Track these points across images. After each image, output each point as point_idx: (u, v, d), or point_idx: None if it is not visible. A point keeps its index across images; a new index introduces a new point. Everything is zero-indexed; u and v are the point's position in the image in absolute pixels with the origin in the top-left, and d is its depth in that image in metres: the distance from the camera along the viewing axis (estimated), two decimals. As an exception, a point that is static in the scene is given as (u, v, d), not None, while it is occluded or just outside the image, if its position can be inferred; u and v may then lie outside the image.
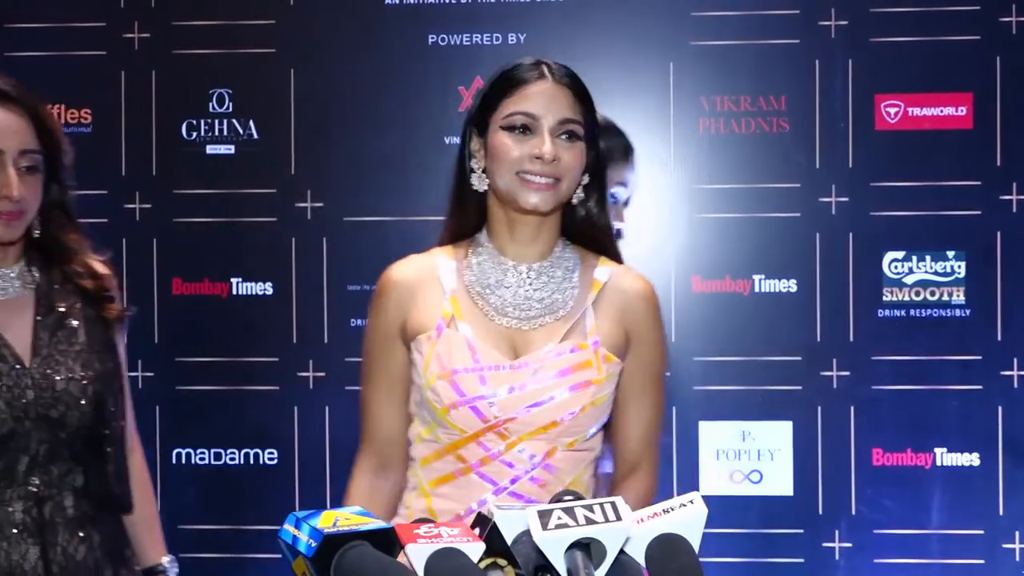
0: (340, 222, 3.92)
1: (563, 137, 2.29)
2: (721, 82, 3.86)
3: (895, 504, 3.21)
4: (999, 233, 3.77)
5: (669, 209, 3.89)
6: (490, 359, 2.27)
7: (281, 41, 3.93)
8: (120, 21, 3.92)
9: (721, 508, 3.68)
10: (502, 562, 1.53)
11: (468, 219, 2.39)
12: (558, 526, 1.49)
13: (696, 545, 1.55)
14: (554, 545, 1.48)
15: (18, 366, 2.40)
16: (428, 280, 2.35)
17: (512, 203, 2.31)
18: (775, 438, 3.83)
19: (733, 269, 3.86)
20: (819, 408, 3.82)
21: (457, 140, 2.35)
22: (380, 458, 2.39)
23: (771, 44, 3.83)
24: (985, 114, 3.78)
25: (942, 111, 3.79)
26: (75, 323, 2.48)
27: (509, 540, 1.53)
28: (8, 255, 2.49)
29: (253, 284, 3.92)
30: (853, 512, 3.75)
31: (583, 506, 1.52)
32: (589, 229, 2.40)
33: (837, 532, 3.68)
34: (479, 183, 2.35)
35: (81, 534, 2.45)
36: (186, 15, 3.94)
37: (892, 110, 3.83)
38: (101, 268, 2.56)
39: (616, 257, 2.44)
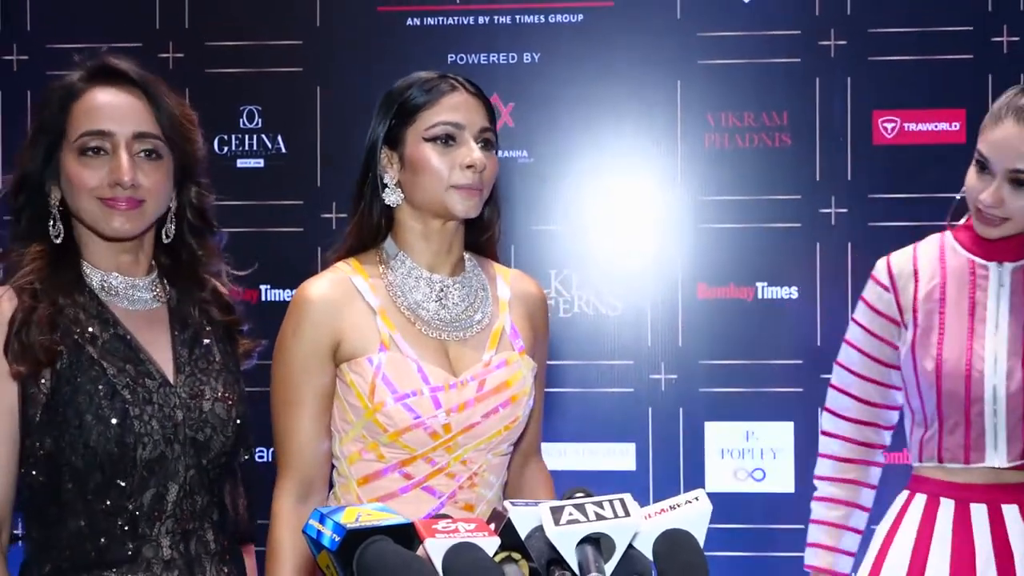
0: (363, 232, 3.93)
1: (481, 145, 2.22)
2: (726, 99, 3.85)
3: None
4: (991, 243, 3.76)
5: (676, 220, 3.90)
6: (438, 379, 2.19)
7: (308, 61, 3.95)
8: (156, 42, 3.94)
9: (725, 504, 3.67)
10: (516, 556, 1.54)
11: (372, 231, 2.27)
12: (569, 521, 1.49)
13: (701, 540, 1.56)
14: (566, 540, 1.48)
15: (165, 385, 2.09)
16: (351, 298, 2.21)
17: (439, 213, 2.22)
18: (777, 438, 3.83)
19: (737, 277, 3.86)
20: (819, 409, 3.81)
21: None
22: (305, 484, 2.24)
23: (773, 63, 3.83)
24: (978, 129, 3.76)
25: (937, 126, 3.79)
26: (207, 341, 2.17)
27: (523, 535, 1.54)
28: (140, 263, 2.16)
29: (280, 291, 3.94)
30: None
31: (593, 503, 1.53)
32: (482, 233, 2.35)
33: (837, 528, 3.67)
34: (394, 197, 2.25)
35: (226, 569, 2.15)
36: (218, 37, 3.96)
37: (889, 125, 3.82)
38: (229, 299, 2.25)
39: (496, 257, 2.40)
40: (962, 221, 2.70)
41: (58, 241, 2.10)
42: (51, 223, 2.10)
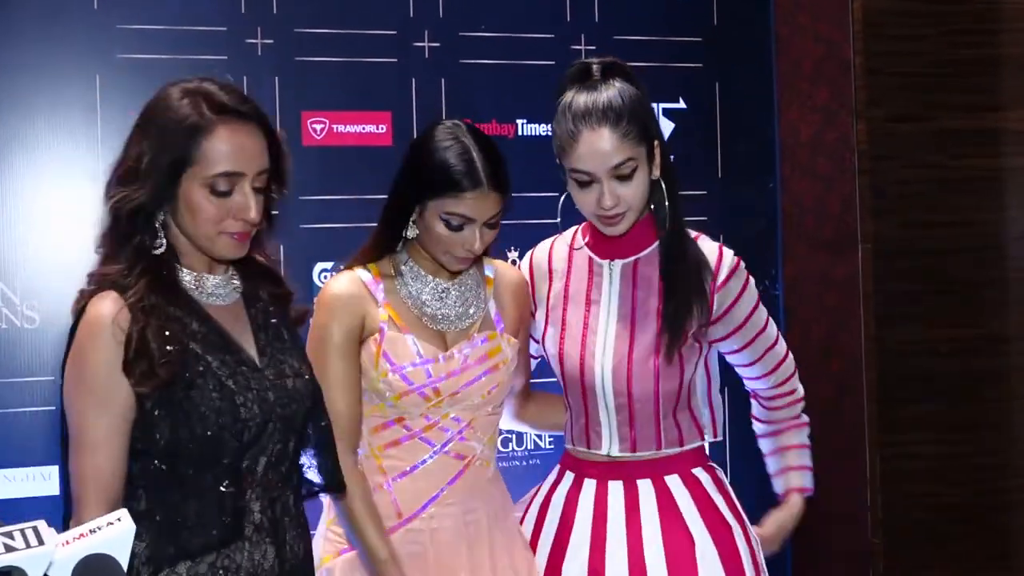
0: None
1: (486, 228, 2.65)
2: (147, 94, 3.63)
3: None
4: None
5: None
6: (429, 353, 2.66)
7: None
8: None
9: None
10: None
11: (390, 244, 2.76)
12: (-25, 558, 1.33)
13: (124, 562, 1.51)
14: (-34, 580, 1.32)
15: (255, 370, 2.28)
16: (364, 293, 2.70)
17: (438, 262, 2.71)
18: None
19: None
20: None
21: None
22: (354, 443, 2.66)
23: (199, 59, 3.64)
24: (403, 133, 3.83)
25: (364, 128, 3.82)
26: (274, 320, 2.38)
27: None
28: (223, 263, 2.35)
29: None
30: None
31: (3, 533, 1.42)
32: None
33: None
34: (412, 231, 2.70)
35: (300, 531, 2.35)
36: None
37: (318, 127, 3.79)
38: (273, 268, 2.47)
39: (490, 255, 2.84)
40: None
41: (160, 252, 2.26)
42: (156, 239, 2.26)
